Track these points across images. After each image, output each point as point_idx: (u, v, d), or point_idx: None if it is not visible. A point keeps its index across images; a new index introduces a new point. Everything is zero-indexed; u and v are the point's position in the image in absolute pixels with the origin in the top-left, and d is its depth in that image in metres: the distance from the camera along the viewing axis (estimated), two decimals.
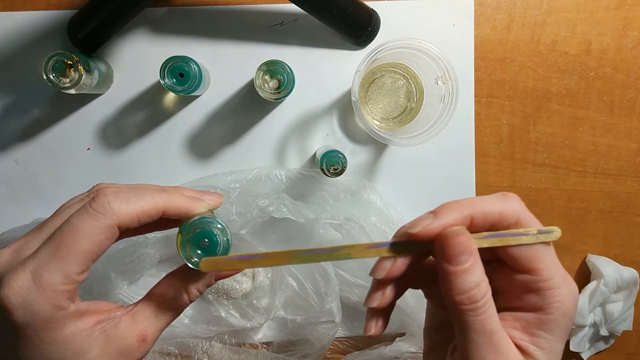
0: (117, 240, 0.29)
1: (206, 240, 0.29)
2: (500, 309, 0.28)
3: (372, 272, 0.28)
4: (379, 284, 0.28)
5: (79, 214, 0.27)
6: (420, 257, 0.28)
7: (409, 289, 0.30)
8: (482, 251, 0.26)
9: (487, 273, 0.26)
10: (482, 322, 0.25)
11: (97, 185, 0.30)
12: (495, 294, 0.28)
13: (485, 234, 0.27)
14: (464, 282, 0.25)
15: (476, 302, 0.25)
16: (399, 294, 0.29)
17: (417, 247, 0.27)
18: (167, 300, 0.31)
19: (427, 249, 0.27)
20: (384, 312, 0.29)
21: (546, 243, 0.27)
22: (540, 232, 0.26)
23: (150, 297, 0.31)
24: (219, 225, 0.30)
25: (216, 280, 0.32)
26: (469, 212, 0.26)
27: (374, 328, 0.29)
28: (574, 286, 0.28)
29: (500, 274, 0.28)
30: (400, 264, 0.27)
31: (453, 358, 0.28)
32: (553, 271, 0.27)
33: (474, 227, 0.27)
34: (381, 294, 0.28)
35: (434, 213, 0.27)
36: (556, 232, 0.26)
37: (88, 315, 0.28)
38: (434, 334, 0.32)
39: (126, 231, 0.29)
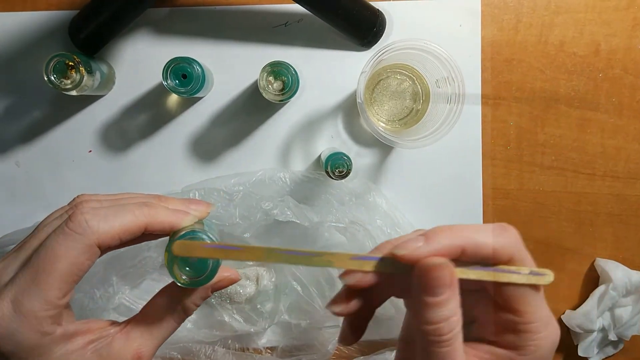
0: (100, 256, 0.28)
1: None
2: (475, 339, 0.27)
3: (342, 276, 0.27)
4: (348, 291, 0.27)
5: (56, 235, 0.26)
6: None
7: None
8: (469, 281, 0.25)
9: (469, 302, 0.25)
10: (444, 354, 0.24)
11: (77, 198, 0.29)
12: (474, 323, 0.28)
13: (475, 265, 0.26)
14: (434, 314, 0.24)
15: (442, 336, 0.24)
16: (376, 302, 0.28)
17: (401, 268, 0.26)
18: (162, 316, 0.29)
19: (411, 271, 0.26)
20: (359, 320, 0.28)
21: (536, 286, 0.26)
22: (532, 274, 0.26)
23: (145, 313, 0.30)
24: (208, 240, 0.28)
25: (213, 292, 0.31)
26: (461, 242, 0.25)
27: (348, 337, 0.28)
28: (555, 331, 0.27)
29: (483, 306, 0.28)
30: (372, 276, 0.26)
31: None
32: (536, 315, 0.26)
33: (464, 257, 0.26)
34: (346, 302, 0.27)
35: (425, 236, 0.26)
36: (548, 275, 0.26)
37: (78, 336, 0.27)
38: (408, 345, 0.30)
39: (108, 248, 0.28)
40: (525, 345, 0.26)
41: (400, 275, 0.26)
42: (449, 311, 0.24)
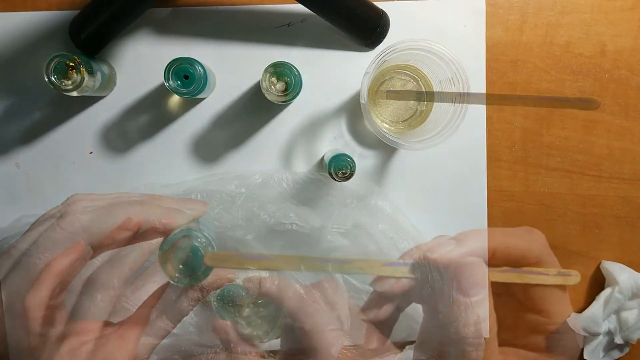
0: (94, 256, 0.28)
1: (189, 254, 0.28)
2: (502, 343, 0.27)
3: (374, 283, 0.27)
4: (379, 297, 0.27)
5: (48, 234, 0.26)
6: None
7: None
8: (495, 284, 0.25)
9: (495, 306, 0.25)
10: (481, 358, 0.24)
11: (70, 197, 0.29)
12: (500, 328, 0.28)
13: (504, 268, 0.26)
14: (472, 315, 0.24)
15: (481, 337, 0.24)
16: (402, 307, 0.28)
17: (433, 272, 0.26)
18: (157, 317, 0.29)
19: (444, 275, 0.26)
20: (385, 325, 0.28)
21: (563, 287, 0.26)
22: (559, 274, 0.26)
23: (140, 314, 0.29)
24: (203, 238, 0.28)
25: (209, 292, 0.31)
26: (491, 245, 0.25)
27: (375, 341, 0.28)
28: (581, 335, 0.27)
29: (509, 310, 0.27)
30: (406, 282, 0.26)
31: None
32: (564, 316, 0.26)
33: (493, 260, 0.25)
34: (378, 308, 0.27)
35: (456, 240, 0.26)
36: (575, 275, 0.26)
37: (72, 337, 0.27)
38: (426, 351, 0.30)
39: (101, 247, 0.27)
40: (553, 346, 0.26)
41: (424, 281, 0.26)
42: (486, 311, 0.24)
